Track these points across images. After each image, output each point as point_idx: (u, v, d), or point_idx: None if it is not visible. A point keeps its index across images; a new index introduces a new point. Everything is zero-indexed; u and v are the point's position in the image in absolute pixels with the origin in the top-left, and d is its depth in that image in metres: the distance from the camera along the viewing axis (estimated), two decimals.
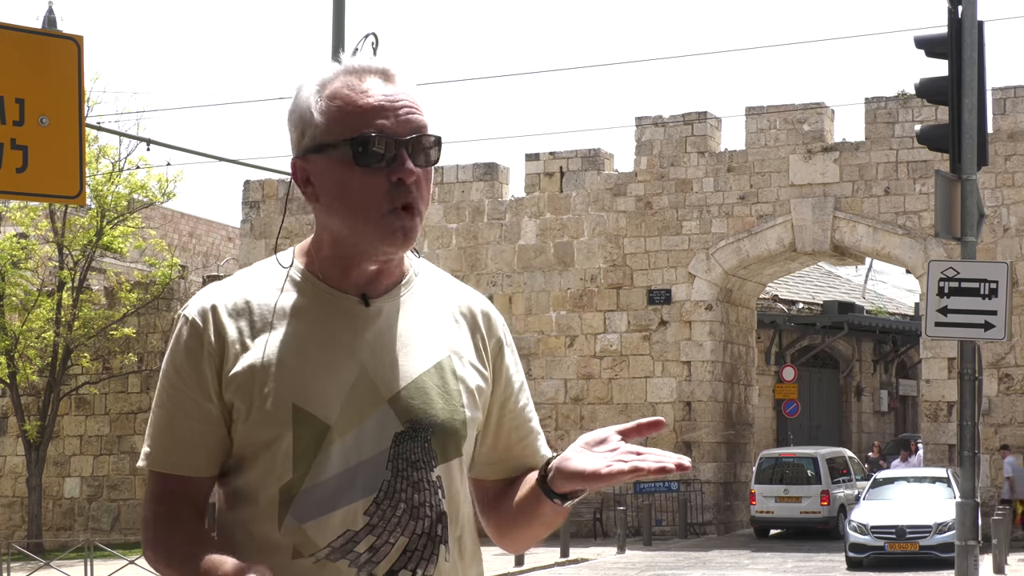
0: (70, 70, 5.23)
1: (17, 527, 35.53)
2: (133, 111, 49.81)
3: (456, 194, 33.95)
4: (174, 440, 2.66)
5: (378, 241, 2.63)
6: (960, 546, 13.77)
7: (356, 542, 2.59)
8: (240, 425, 2.63)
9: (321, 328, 2.66)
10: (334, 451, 2.59)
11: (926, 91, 14.65)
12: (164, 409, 2.68)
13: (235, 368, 2.63)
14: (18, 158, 5.11)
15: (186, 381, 2.65)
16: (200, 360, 2.64)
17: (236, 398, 2.62)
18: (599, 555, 27.70)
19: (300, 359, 2.63)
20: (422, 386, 2.67)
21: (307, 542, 2.58)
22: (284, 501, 2.60)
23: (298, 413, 2.59)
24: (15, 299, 32.96)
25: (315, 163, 2.65)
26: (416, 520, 2.62)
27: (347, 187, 2.62)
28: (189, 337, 2.66)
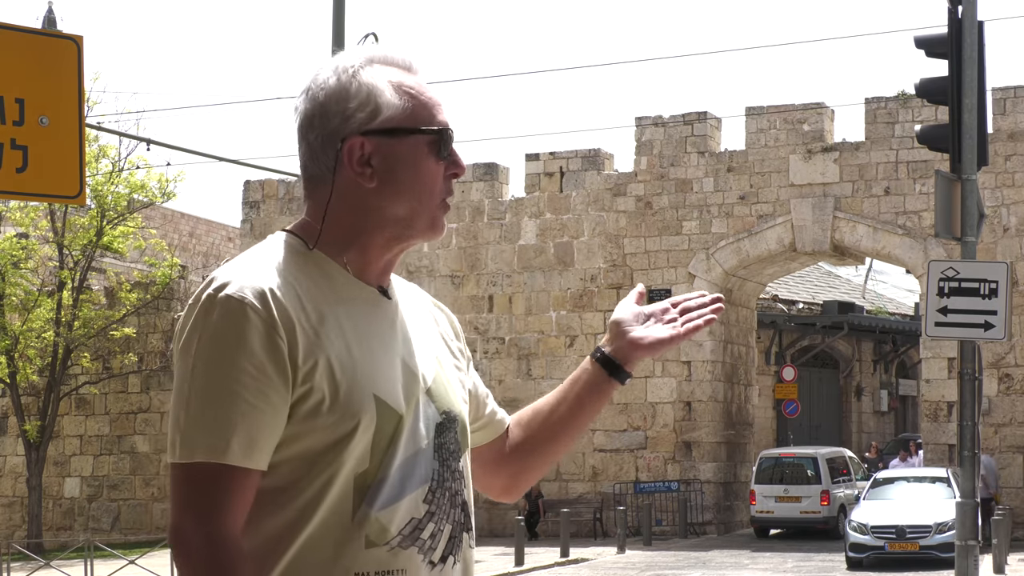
0: (70, 70, 5.23)
1: (17, 527, 35.53)
2: (133, 111, 49.79)
3: (456, 194, 33.84)
4: (255, 431, 2.52)
5: (428, 229, 2.71)
6: (960, 546, 13.77)
7: (421, 529, 2.64)
8: (323, 415, 2.55)
9: (366, 318, 2.67)
10: (403, 440, 2.63)
11: (926, 91, 14.65)
12: (238, 399, 2.51)
13: (311, 356, 2.55)
14: (18, 158, 5.11)
15: (260, 369, 2.52)
16: (275, 347, 2.53)
17: (316, 388, 2.55)
18: (599, 555, 27.71)
19: (362, 349, 2.62)
20: (444, 378, 2.75)
21: (380, 531, 2.59)
22: (359, 490, 2.58)
23: (379, 403, 2.60)
24: (15, 299, 32.96)
25: (384, 145, 2.67)
26: (454, 508, 2.71)
27: (421, 174, 2.68)
28: (256, 321, 2.53)
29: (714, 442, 31.87)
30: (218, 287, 2.56)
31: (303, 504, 2.58)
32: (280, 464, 2.58)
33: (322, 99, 2.68)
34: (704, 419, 31.79)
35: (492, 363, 33.11)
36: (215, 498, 2.51)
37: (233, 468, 2.52)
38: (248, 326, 2.53)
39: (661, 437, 32.02)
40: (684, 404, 31.87)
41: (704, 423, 31.79)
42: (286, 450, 2.57)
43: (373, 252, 2.70)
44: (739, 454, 33.02)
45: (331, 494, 2.58)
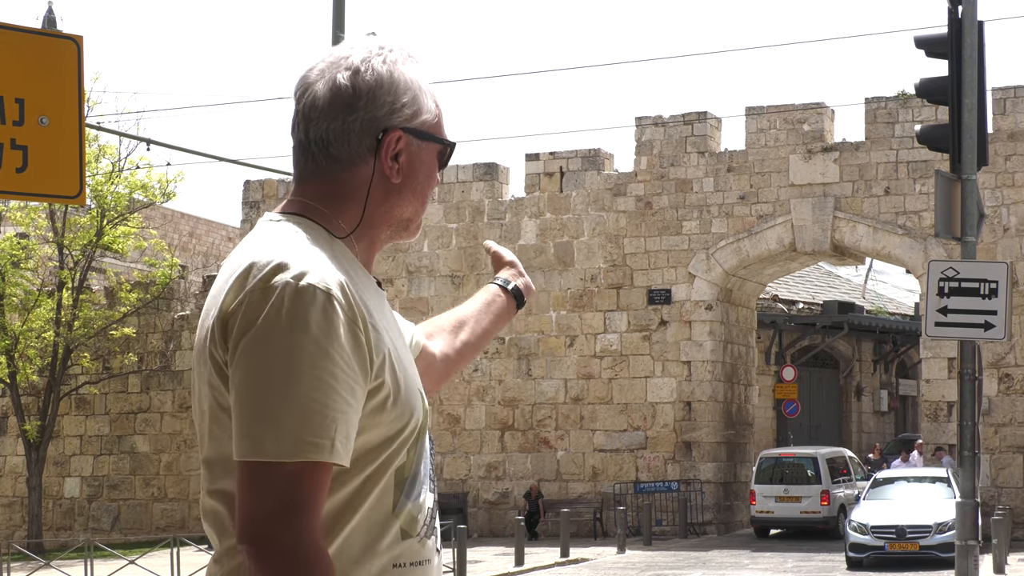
0: (70, 70, 5.23)
1: (17, 527, 35.54)
2: (133, 111, 49.92)
3: (456, 194, 33.95)
4: (351, 428, 2.47)
5: (414, 232, 2.80)
6: (960, 546, 13.77)
7: (434, 518, 2.71)
8: (389, 408, 2.53)
9: (386, 311, 2.70)
10: (427, 434, 2.70)
11: (926, 91, 14.65)
12: (335, 393, 2.43)
13: (379, 351, 2.52)
14: (18, 158, 5.11)
15: (348, 363, 2.45)
16: (358, 340, 2.47)
17: (386, 383, 2.52)
18: (599, 555, 27.70)
19: (399, 342, 2.66)
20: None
21: (413, 522, 2.62)
22: (399, 483, 2.60)
23: (422, 397, 2.66)
24: (15, 299, 32.97)
25: (414, 146, 2.70)
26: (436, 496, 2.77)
27: (431, 182, 2.76)
28: (341, 314, 2.45)
29: (714, 442, 31.86)
30: (296, 275, 2.44)
31: (348, 496, 2.53)
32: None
33: (373, 84, 2.63)
34: (704, 419, 31.78)
35: (492, 363, 33.10)
36: (309, 497, 2.43)
37: (329, 466, 2.45)
38: (336, 318, 2.44)
39: (661, 437, 32.01)
40: (684, 404, 31.87)
41: (704, 423, 31.79)
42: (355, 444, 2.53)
43: (377, 246, 2.75)
44: (739, 454, 33.02)
45: (378, 487, 2.56)
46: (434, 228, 33.90)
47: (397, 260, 34.03)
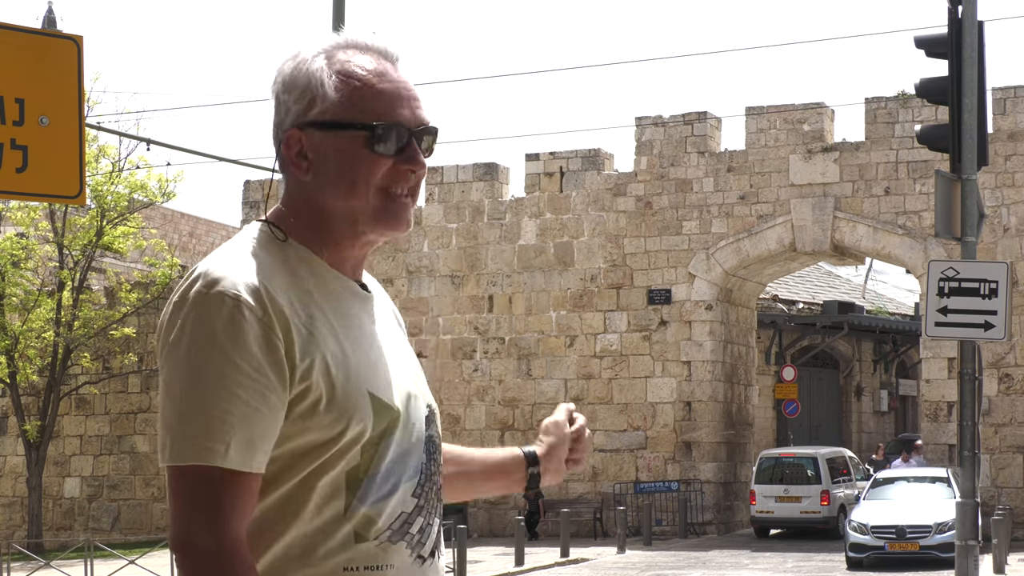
0: (70, 70, 5.23)
1: (17, 527, 35.54)
2: (133, 111, 49.91)
3: (456, 194, 33.95)
4: (256, 435, 2.47)
5: (374, 223, 2.62)
6: (960, 546, 13.77)
7: (410, 523, 2.63)
8: (319, 414, 2.52)
9: (351, 313, 2.64)
10: (396, 436, 2.61)
11: (926, 91, 14.65)
12: (236, 400, 2.45)
13: (307, 355, 2.51)
14: (18, 158, 5.10)
15: (258, 369, 2.46)
16: (273, 346, 2.48)
17: (314, 387, 2.51)
18: (599, 555, 27.70)
19: (352, 345, 2.59)
20: (420, 372, 2.76)
21: (370, 525, 2.58)
22: (351, 485, 2.56)
23: (374, 401, 2.58)
24: (15, 299, 32.96)
25: (318, 139, 2.61)
26: (438, 501, 2.72)
27: (356, 170, 2.60)
28: (251, 320, 2.47)
29: (714, 442, 31.86)
30: (208, 283, 2.48)
31: (283, 499, 2.55)
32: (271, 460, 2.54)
33: (278, 88, 2.67)
34: (704, 419, 31.78)
35: (492, 363, 33.10)
36: (221, 503, 2.46)
37: (234, 472, 2.46)
38: (245, 325, 2.46)
39: (661, 437, 32.01)
40: (684, 404, 31.87)
41: (704, 423, 31.79)
42: (279, 448, 2.53)
43: (343, 246, 2.66)
44: (739, 454, 33.01)
45: (318, 490, 2.55)
46: (434, 228, 33.90)
47: (397, 260, 34.02)
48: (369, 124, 2.59)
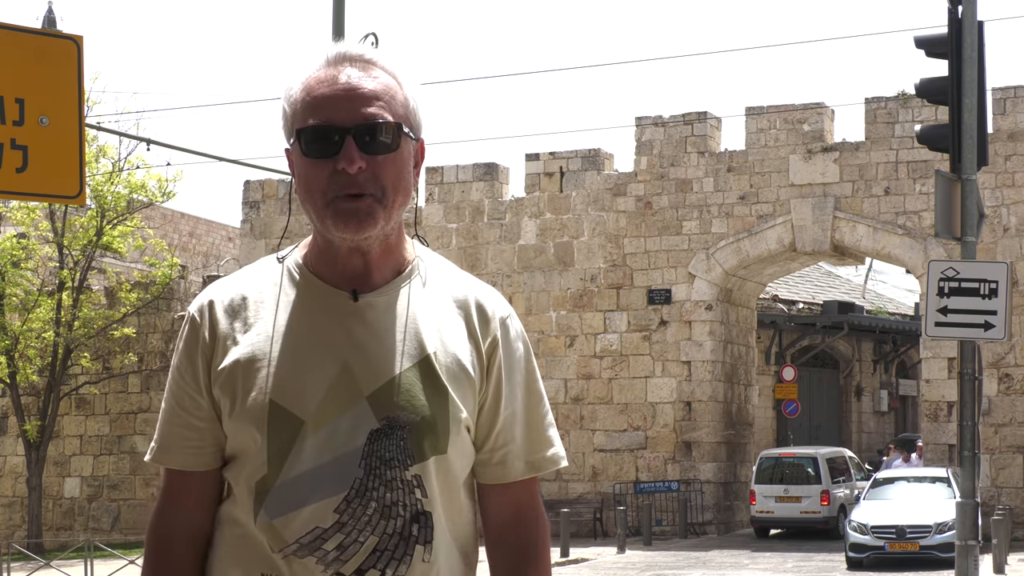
0: (70, 70, 5.23)
1: (17, 527, 35.53)
2: (133, 111, 49.82)
3: (456, 194, 33.95)
4: (172, 435, 2.74)
5: (332, 225, 2.64)
6: (960, 546, 13.76)
7: (324, 539, 2.58)
8: (226, 421, 2.67)
9: (310, 324, 2.68)
10: (307, 447, 2.60)
11: (926, 91, 14.64)
12: (167, 403, 2.76)
13: (222, 364, 2.67)
14: (18, 158, 5.10)
15: (184, 376, 2.72)
16: (195, 356, 2.71)
17: (221, 394, 2.67)
18: (599, 555, 27.70)
19: (284, 355, 2.65)
20: (404, 383, 2.64)
21: (276, 537, 2.60)
22: (259, 496, 2.63)
23: (275, 409, 2.61)
24: (15, 299, 32.95)
25: (290, 156, 2.73)
26: (388, 519, 2.60)
27: (302, 177, 2.67)
28: (188, 333, 2.73)
29: (714, 442, 31.85)
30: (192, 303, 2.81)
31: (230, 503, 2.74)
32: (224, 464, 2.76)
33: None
34: (704, 419, 31.78)
35: None
36: (164, 493, 2.78)
37: (169, 470, 2.75)
38: (184, 335, 2.74)
39: (661, 437, 32.01)
40: (684, 404, 31.86)
41: (704, 423, 31.78)
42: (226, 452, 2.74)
43: (328, 254, 2.71)
44: (739, 454, 33.01)
45: (234, 497, 2.70)
46: (434, 228, 33.90)
47: None
48: (297, 131, 2.67)
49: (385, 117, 2.65)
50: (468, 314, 2.75)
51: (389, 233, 2.71)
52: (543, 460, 2.81)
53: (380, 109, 2.65)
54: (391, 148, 2.65)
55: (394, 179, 2.65)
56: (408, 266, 2.76)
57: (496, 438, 2.75)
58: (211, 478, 2.74)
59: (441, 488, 2.67)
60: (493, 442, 2.75)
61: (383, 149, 2.64)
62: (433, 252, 2.84)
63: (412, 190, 2.74)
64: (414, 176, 2.73)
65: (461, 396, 2.68)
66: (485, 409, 2.74)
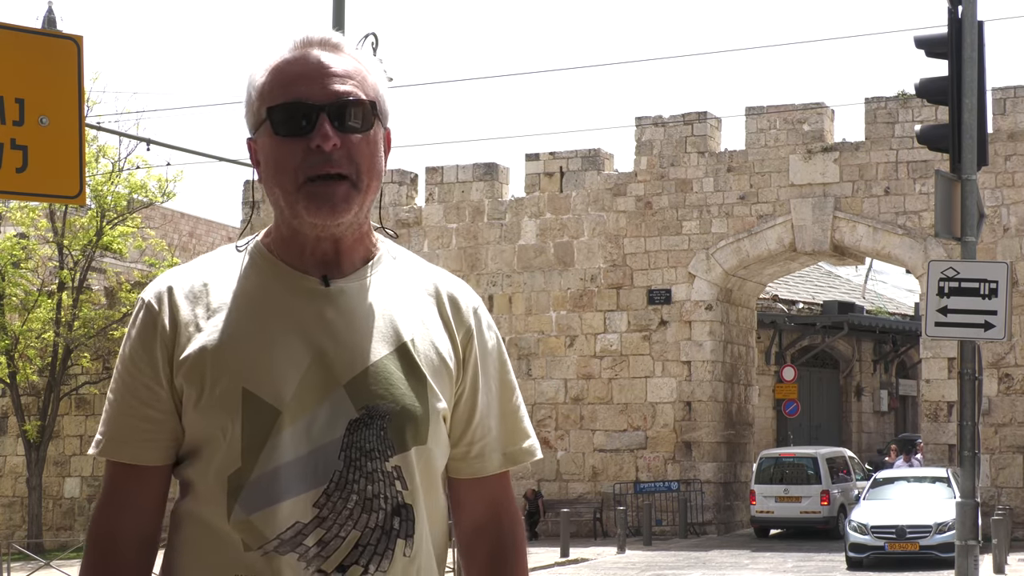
0: (70, 70, 5.23)
1: (17, 527, 35.53)
2: (133, 111, 49.81)
3: (456, 194, 33.94)
4: (124, 427, 2.57)
5: (303, 211, 2.54)
6: (960, 546, 13.75)
7: (305, 535, 2.47)
8: (191, 412, 2.53)
9: (278, 310, 2.56)
10: (284, 438, 2.48)
11: (926, 91, 14.63)
12: (116, 395, 2.59)
13: (186, 352, 2.53)
14: (18, 158, 5.10)
15: (138, 365, 2.57)
16: (153, 344, 2.56)
17: (186, 383, 2.52)
18: (599, 555, 27.69)
19: (254, 342, 2.53)
20: (382, 371, 2.54)
21: (254, 534, 2.47)
22: (232, 491, 2.49)
23: (248, 398, 2.49)
24: (15, 299, 32.95)
25: (259, 143, 2.62)
26: (369, 513, 2.50)
27: (272, 159, 2.57)
28: (143, 320, 2.59)
29: (714, 442, 31.85)
30: (145, 289, 2.65)
31: (192, 500, 2.58)
32: (182, 458, 2.60)
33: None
34: (704, 419, 31.77)
35: None
36: (108, 488, 2.60)
37: (114, 463, 2.59)
38: (138, 323, 2.60)
39: (661, 437, 32.00)
40: (684, 404, 31.86)
41: (704, 423, 31.77)
42: (183, 446, 2.58)
43: (296, 241, 2.61)
44: (739, 454, 33.00)
45: (201, 492, 2.54)
46: (434, 228, 33.90)
47: None
48: (266, 110, 2.57)
49: (359, 95, 2.56)
50: (441, 304, 2.67)
51: (362, 222, 2.62)
52: (520, 452, 2.73)
53: (354, 87, 2.56)
54: (366, 127, 2.57)
55: (368, 161, 2.56)
56: (378, 254, 2.67)
57: (474, 431, 2.67)
58: (163, 475, 2.59)
59: (422, 480, 2.56)
60: (471, 435, 2.67)
61: (358, 128, 2.56)
62: (399, 245, 2.75)
63: (382, 176, 2.64)
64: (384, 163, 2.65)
65: (439, 385, 2.59)
66: (462, 401, 2.66)
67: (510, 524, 2.74)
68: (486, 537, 2.71)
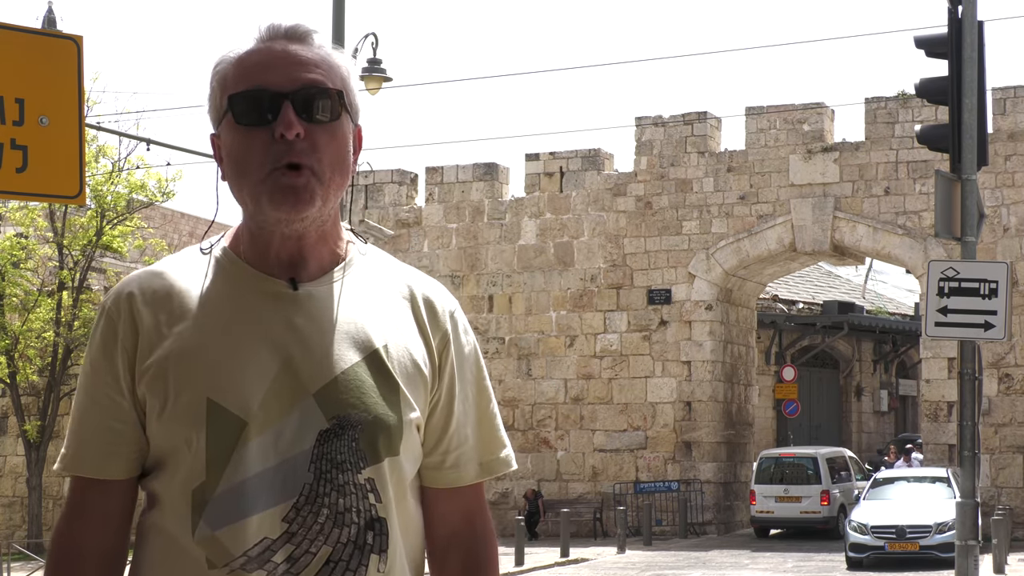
0: (70, 70, 5.22)
1: (17, 527, 35.53)
2: (133, 111, 49.76)
3: (456, 194, 33.94)
4: (87, 440, 2.47)
5: (267, 204, 2.41)
6: (960, 546, 13.75)
7: (273, 551, 2.35)
8: (154, 422, 2.42)
9: (244, 315, 2.45)
10: (251, 450, 2.36)
11: (926, 91, 14.63)
12: (79, 406, 2.50)
13: (148, 360, 2.43)
14: (18, 158, 5.10)
15: (100, 375, 2.46)
16: (114, 353, 2.45)
17: (149, 393, 2.42)
18: (599, 555, 27.70)
19: (219, 349, 2.41)
20: (353, 379, 2.43)
21: (220, 551, 2.36)
22: (197, 506, 2.38)
23: (212, 408, 2.37)
24: (15, 299, 32.94)
25: (222, 139, 2.51)
26: (341, 527, 2.39)
27: (233, 151, 2.45)
28: (104, 328, 2.48)
29: (714, 442, 31.85)
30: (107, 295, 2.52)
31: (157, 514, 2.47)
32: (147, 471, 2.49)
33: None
34: (704, 419, 31.77)
35: (492, 363, 33.07)
36: (68, 505, 2.51)
37: (74, 477, 2.49)
38: (99, 330, 2.48)
39: (661, 437, 32.00)
40: (684, 404, 31.86)
41: (704, 423, 31.78)
42: (148, 458, 2.48)
43: (261, 240, 2.49)
44: (739, 454, 33.01)
45: (167, 506, 2.44)
46: (434, 228, 33.90)
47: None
48: (227, 100, 2.46)
49: (325, 84, 2.44)
50: (416, 308, 2.55)
51: (326, 219, 2.48)
52: (496, 462, 2.63)
53: (320, 76, 2.45)
54: (331, 117, 2.45)
55: (333, 154, 2.44)
56: (348, 256, 2.55)
57: (450, 440, 2.56)
58: (126, 488, 2.48)
59: (395, 491, 2.46)
60: (447, 444, 2.56)
61: (323, 118, 2.43)
62: (371, 246, 2.63)
63: (350, 174, 2.50)
64: (353, 160, 2.52)
65: (413, 393, 2.48)
66: (438, 409, 2.54)
67: (483, 535, 2.63)
68: (459, 548, 2.60)
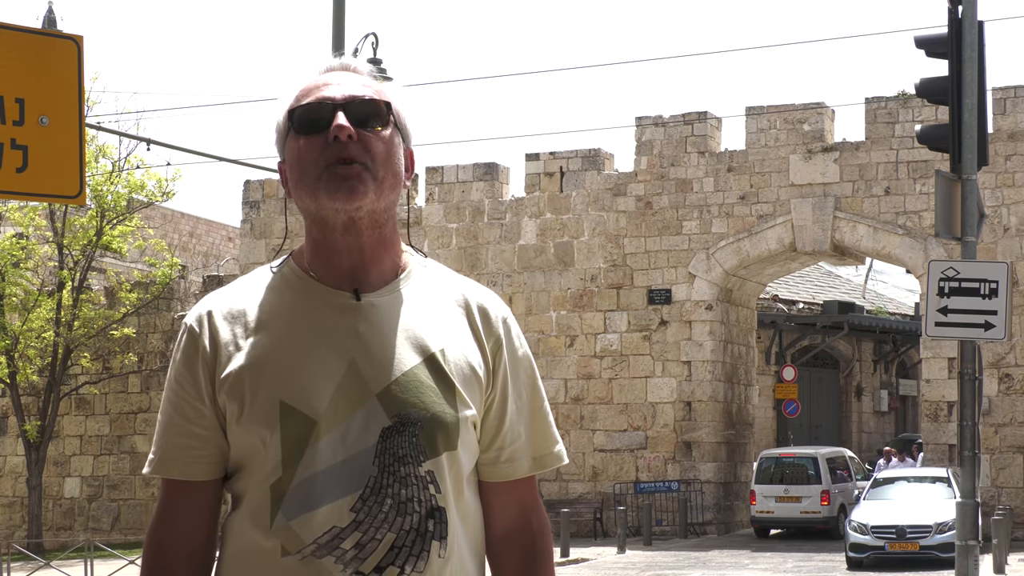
0: (70, 70, 5.22)
1: (17, 527, 35.53)
2: (133, 111, 49.89)
3: (456, 194, 33.94)
4: (173, 445, 2.73)
5: (324, 197, 2.66)
6: (960, 546, 13.75)
7: (342, 539, 2.60)
8: (234, 427, 2.67)
9: (311, 325, 2.70)
10: (321, 447, 2.61)
11: (926, 91, 14.63)
12: (165, 414, 2.74)
13: (227, 370, 2.68)
14: (18, 158, 5.09)
15: (183, 386, 2.71)
16: (195, 364, 2.70)
17: (228, 400, 2.67)
18: (599, 555, 27.70)
19: (289, 357, 2.66)
20: (413, 380, 2.67)
21: (294, 539, 2.60)
22: (275, 499, 2.63)
23: (285, 410, 2.62)
24: (15, 299, 32.94)
25: (285, 156, 2.78)
26: (404, 516, 2.62)
27: (294, 159, 2.71)
28: (187, 343, 2.73)
29: (714, 442, 31.85)
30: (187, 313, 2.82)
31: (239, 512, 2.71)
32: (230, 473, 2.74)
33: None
34: (704, 419, 31.77)
35: None
36: (161, 505, 2.74)
37: (166, 480, 2.74)
38: (182, 345, 2.74)
39: (661, 437, 32.00)
40: (684, 404, 31.86)
41: (704, 423, 31.77)
42: (230, 461, 2.72)
43: (324, 252, 2.74)
44: (739, 454, 33.00)
45: (247, 503, 2.67)
46: (434, 228, 33.90)
47: None
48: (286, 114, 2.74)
49: (374, 97, 2.72)
50: (471, 315, 2.80)
51: (382, 220, 2.74)
52: (549, 456, 2.85)
53: (370, 91, 2.73)
54: (381, 123, 2.71)
55: (384, 154, 2.70)
56: (407, 267, 2.81)
57: (504, 436, 2.79)
58: (212, 490, 2.75)
59: (453, 484, 2.69)
60: (502, 440, 2.79)
61: (372, 124, 2.70)
62: (431, 259, 2.91)
63: (403, 181, 2.75)
64: (406, 176, 2.77)
65: (469, 393, 2.71)
66: (493, 408, 2.78)
67: (540, 531, 2.86)
68: (516, 540, 2.83)
